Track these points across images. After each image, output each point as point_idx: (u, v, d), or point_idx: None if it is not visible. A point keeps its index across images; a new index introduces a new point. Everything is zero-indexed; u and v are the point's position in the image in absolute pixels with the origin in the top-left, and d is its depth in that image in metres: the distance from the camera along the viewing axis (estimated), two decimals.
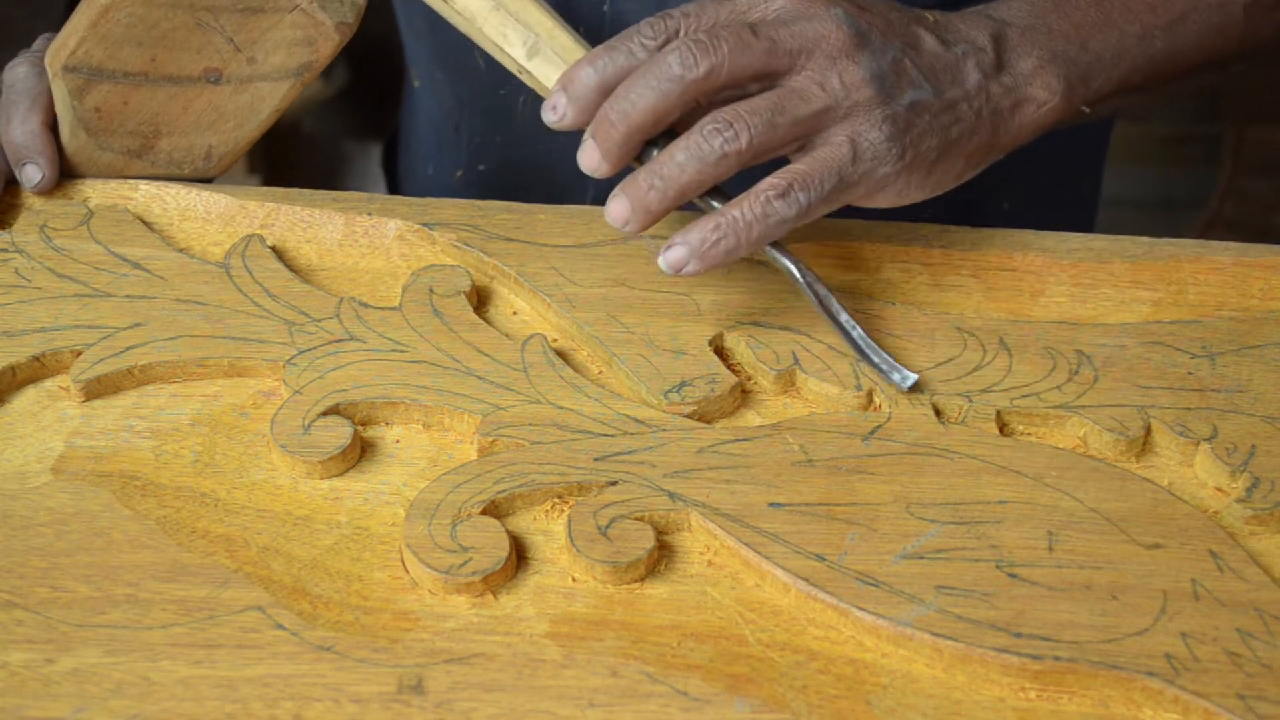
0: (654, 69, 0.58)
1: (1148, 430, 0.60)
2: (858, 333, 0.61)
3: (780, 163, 0.60)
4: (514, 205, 0.70)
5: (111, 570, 0.53)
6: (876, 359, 0.60)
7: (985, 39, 0.64)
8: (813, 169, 0.59)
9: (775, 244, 0.61)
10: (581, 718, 0.49)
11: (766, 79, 0.59)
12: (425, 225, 0.68)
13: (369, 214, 0.69)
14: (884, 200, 0.62)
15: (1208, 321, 0.65)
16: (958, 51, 0.63)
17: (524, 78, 0.64)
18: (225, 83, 0.66)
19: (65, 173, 0.70)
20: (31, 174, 0.68)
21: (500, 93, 0.89)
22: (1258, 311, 0.66)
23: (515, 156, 0.91)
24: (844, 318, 0.61)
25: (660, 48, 0.59)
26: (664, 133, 0.60)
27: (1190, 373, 0.62)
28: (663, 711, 0.49)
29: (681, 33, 0.60)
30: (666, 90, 0.58)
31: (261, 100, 0.68)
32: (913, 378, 0.60)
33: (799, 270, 0.61)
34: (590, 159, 0.60)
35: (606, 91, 0.59)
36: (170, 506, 0.56)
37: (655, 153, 0.60)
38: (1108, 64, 0.67)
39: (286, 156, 1.67)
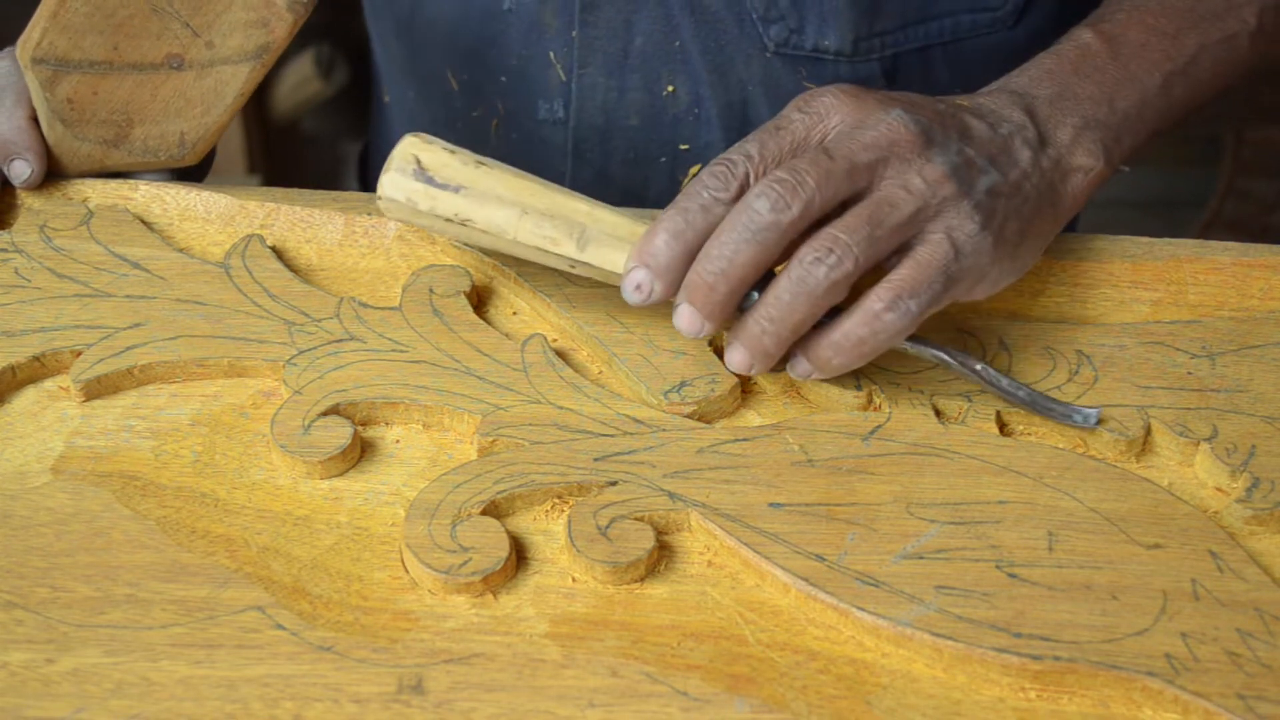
0: (744, 220, 0.55)
1: (1148, 430, 0.60)
2: (1024, 391, 0.60)
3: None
4: None
5: (111, 570, 0.53)
6: (1055, 409, 0.59)
7: (1021, 115, 0.63)
8: (919, 274, 0.56)
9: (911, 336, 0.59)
10: (581, 718, 0.49)
11: (853, 199, 0.57)
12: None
13: (369, 214, 0.69)
14: (981, 292, 0.60)
15: (1208, 321, 0.65)
16: (1004, 132, 0.62)
17: (579, 270, 0.60)
18: (188, 68, 0.67)
19: (49, 169, 0.70)
20: (20, 169, 0.69)
21: (474, 114, 0.89)
22: (1258, 311, 0.66)
23: None
24: (1005, 383, 0.59)
25: (735, 196, 0.56)
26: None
27: (1190, 373, 0.62)
28: (663, 711, 0.49)
29: (752, 176, 0.57)
30: (764, 239, 0.55)
31: (225, 84, 0.68)
32: (1095, 414, 0.59)
33: (949, 355, 0.59)
34: (691, 324, 0.57)
35: (691, 255, 0.56)
36: (170, 506, 0.56)
37: (755, 294, 0.58)
38: (1135, 120, 0.66)
39: (286, 156, 1.67)
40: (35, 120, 0.69)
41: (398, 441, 0.60)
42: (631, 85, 0.82)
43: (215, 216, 0.70)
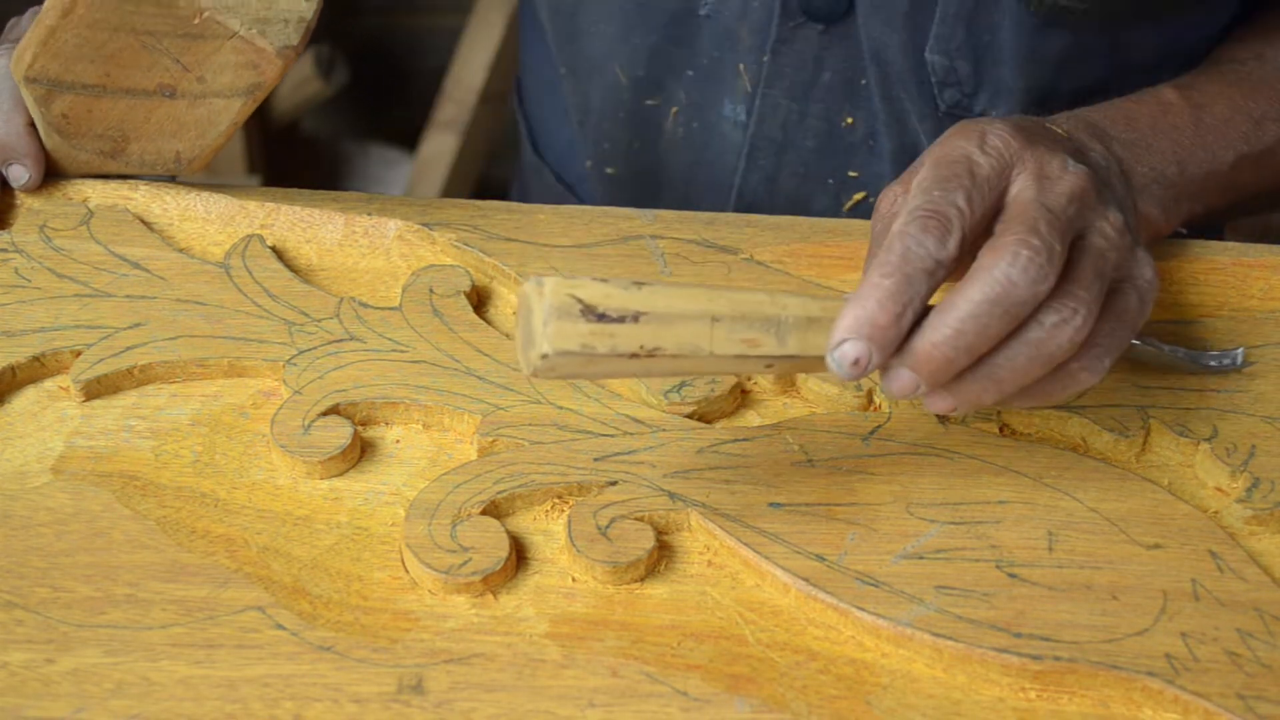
0: (998, 293, 0.49)
1: (1148, 430, 0.60)
2: (1182, 352, 0.60)
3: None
4: (514, 205, 0.70)
5: (111, 570, 0.53)
6: (1209, 360, 0.61)
7: (1102, 149, 0.61)
8: (1115, 327, 0.53)
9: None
10: (581, 718, 0.49)
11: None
12: (425, 225, 0.68)
13: (369, 214, 0.69)
14: None
15: (1208, 321, 0.65)
16: (1102, 164, 0.60)
17: (776, 368, 0.53)
18: (180, 97, 0.67)
19: (49, 170, 0.70)
20: (18, 174, 0.69)
21: (647, 102, 0.87)
22: (1258, 311, 0.66)
23: (651, 161, 0.89)
24: (1167, 350, 0.60)
25: (956, 256, 0.51)
26: None
27: (1190, 373, 0.62)
28: (663, 711, 0.49)
29: (966, 230, 0.52)
30: (1019, 314, 0.50)
31: (218, 114, 0.68)
32: (1239, 352, 0.61)
33: (1147, 344, 0.60)
34: (909, 389, 0.51)
35: (912, 321, 0.50)
36: (170, 506, 0.56)
37: None
38: (1198, 188, 0.66)
39: (286, 156, 1.67)
40: (33, 125, 0.69)
41: (398, 441, 0.60)
42: (813, 113, 0.83)
43: (215, 216, 0.70)
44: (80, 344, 0.61)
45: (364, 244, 0.69)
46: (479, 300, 0.66)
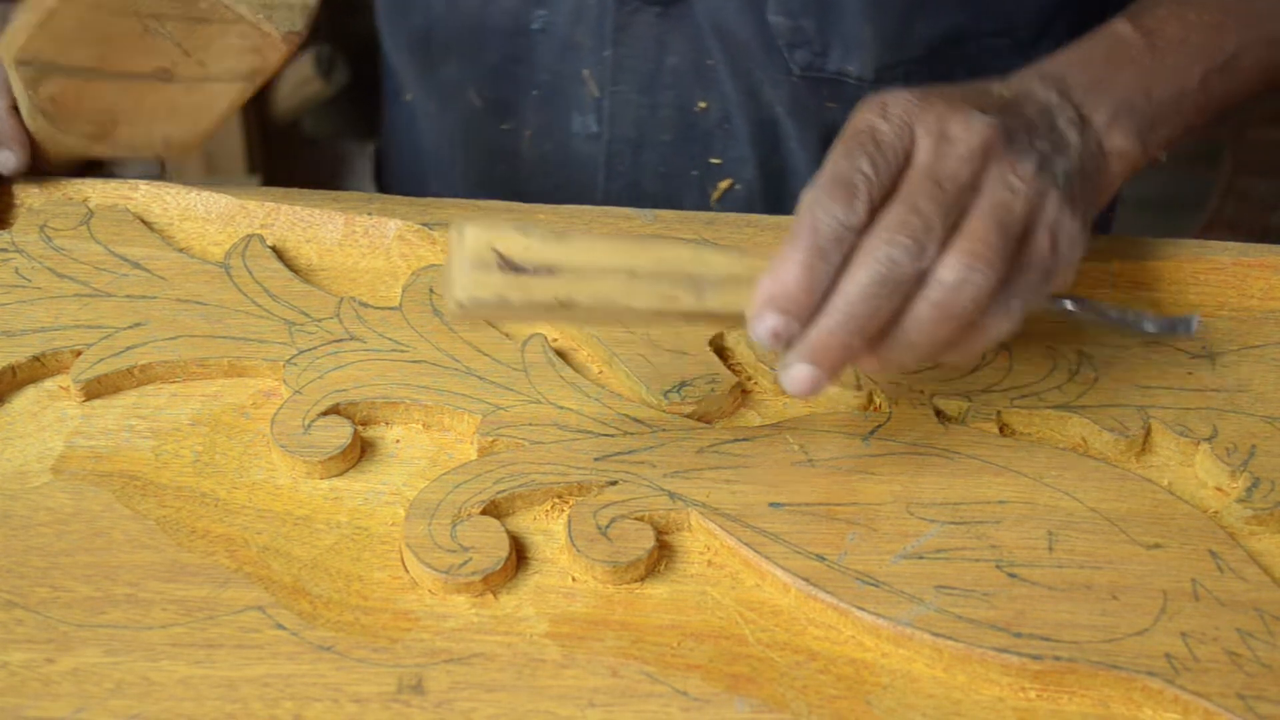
0: (881, 272, 0.51)
1: (1148, 430, 0.60)
2: (1131, 313, 0.60)
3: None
4: (514, 205, 0.70)
5: (111, 570, 0.53)
6: (1148, 325, 0.60)
7: (1057, 97, 0.61)
8: (1023, 269, 0.54)
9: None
10: (581, 718, 0.49)
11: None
12: (425, 225, 0.68)
13: (369, 214, 0.69)
14: (1061, 283, 0.57)
15: (1208, 321, 0.65)
16: (1050, 116, 0.60)
17: (697, 323, 0.54)
18: (177, 81, 0.66)
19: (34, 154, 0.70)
20: (5, 159, 0.68)
21: (503, 127, 0.88)
22: (1258, 311, 0.66)
23: (517, 190, 0.89)
24: (1114, 312, 0.60)
25: (865, 222, 0.52)
26: None
27: (1190, 373, 0.62)
28: (663, 711, 0.49)
29: (872, 199, 0.52)
30: (905, 291, 0.51)
31: (214, 99, 0.67)
32: (1194, 319, 0.60)
33: (1085, 307, 0.59)
34: (812, 385, 0.52)
35: (825, 291, 0.52)
36: (170, 506, 0.56)
37: None
38: (1171, 111, 0.65)
39: (286, 156, 1.67)
40: (16, 109, 0.68)
41: (398, 441, 0.60)
42: (664, 102, 0.83)
43: (215, 216, 0.70)
44: (80, 344, 0.61)
45: (364, 244, 0.69)
46: None
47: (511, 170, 0.89)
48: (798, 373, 0.52)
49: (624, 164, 0.86)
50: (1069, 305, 0.59)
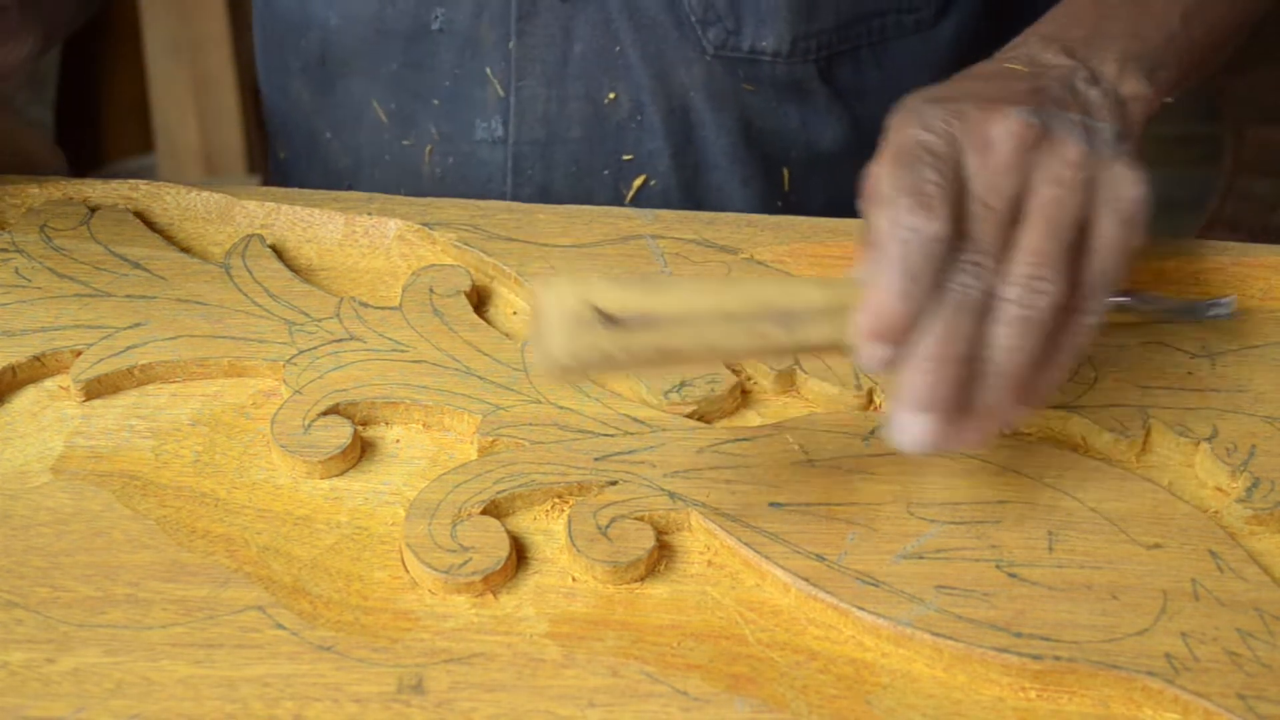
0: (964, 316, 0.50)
1: (1148, 430, 0.60)
2: (1176, 303, 0.63)
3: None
4: (514, 205, 0.70)
5: (111, 570, 0.53)
6: (1207, 311, 0.63)
7: (1065, 59, 0.61)
8: (1098, 262, 0.53)
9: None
10: (581, 718, 0.49)
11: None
12: (425, 225, 0.68)
13: (369, 214, 0.69)
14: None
15: (1208, 321, 0.65)
16: (1072, 80, 0.59)
17: (788, 357, 0.55)
18: None
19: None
20: None
21: (404, 144, 0.86)
22: (1258, 311, 0.66)
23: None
24: (1170, 302, 0.63)
25: (954, 234, 0.51)
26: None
27: (1190, 373, 0.62)
28: (663, 711, 0.49)
29: (940, 198, 0.51)
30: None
31: None
32: (1230, 300, 0.63)
33: (1143, 300, 0.61)
34: (931, 441, 0.51)
35: (922, 310, 0.51)
36: (170, 506, 0.56)
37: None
38: (1165, 53, 0.65)
39: None
40: None
41: (398, 441, 0.60)
42: (573, 94, 0.81)
43: (215, 216, 0.70)
44: (80, 344, 0.61)
45: (364, 244, 0.69)
46: (479, 300, 0.66)
47: (414, 190, 0.86)
48: (911, 425, 0.51)
49: (532, 167, 0.84)
50: (1126, 300, 0.61)
